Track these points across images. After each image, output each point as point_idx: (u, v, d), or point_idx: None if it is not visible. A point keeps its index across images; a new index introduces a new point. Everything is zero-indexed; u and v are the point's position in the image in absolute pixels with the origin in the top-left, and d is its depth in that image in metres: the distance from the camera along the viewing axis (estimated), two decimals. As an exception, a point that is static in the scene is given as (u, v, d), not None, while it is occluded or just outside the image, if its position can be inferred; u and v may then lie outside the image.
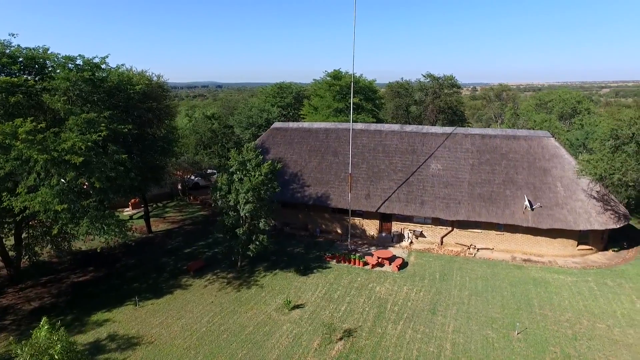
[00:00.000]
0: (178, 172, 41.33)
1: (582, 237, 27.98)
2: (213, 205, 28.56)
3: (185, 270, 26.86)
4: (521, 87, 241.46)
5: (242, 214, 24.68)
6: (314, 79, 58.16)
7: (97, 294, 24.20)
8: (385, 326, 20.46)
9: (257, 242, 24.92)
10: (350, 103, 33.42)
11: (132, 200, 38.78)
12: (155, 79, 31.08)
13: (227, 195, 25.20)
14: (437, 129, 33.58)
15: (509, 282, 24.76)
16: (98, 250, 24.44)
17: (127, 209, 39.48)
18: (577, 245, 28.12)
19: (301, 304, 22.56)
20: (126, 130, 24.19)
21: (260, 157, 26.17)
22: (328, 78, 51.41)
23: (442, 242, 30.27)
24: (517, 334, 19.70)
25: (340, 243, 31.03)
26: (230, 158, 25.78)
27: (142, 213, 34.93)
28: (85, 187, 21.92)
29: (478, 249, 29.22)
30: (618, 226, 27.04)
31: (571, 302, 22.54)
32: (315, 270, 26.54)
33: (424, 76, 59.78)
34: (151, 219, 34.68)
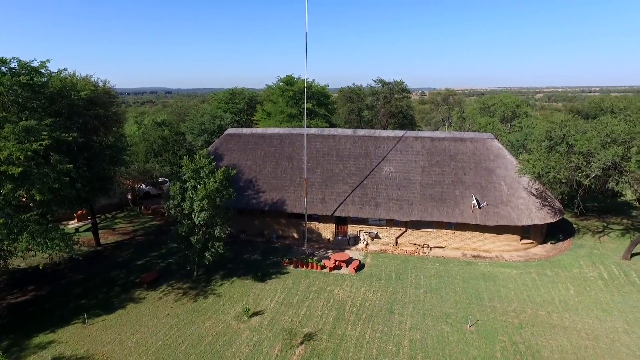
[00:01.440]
0: (128, 182, 39.71)
1: (525, 232, 29.81)
2: (166, 214, 27.75)
3: (139, 282, 25.85)
4: (466, 91, 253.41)
5: (196, 222, 24.17)
6: (266, 85, 58.10)
7: (39, 315, 22.61)
8: (345, 328, 20.76)
9: (213, 250, 24.51)
10: (303, 108, 33.71)
11: (79, 212, 36.80)
12: (101, 84, 29.80)
13: (181, 203, 24.61)
14: (389, 133, 34.59)
15: (461, 278, 25.91)
16: (40, 267, 22.86)
17: (72, 222, 37.41)
18: (520, 240, 29.93)
19: (260, 311, 22.40)
20: (71, 138, 23.05)
21: (214, 164, 25.80)
22: (281, 84, 51.50)
23: (396, 243, 31.14)
24: (470, 326, 20.67)
25: (297, 248, 31.11)
26: (183, 166, 25.19)
27: (90, 225, 33.22)
28: (24, 199, 20.61)
29: (431, 248, 30.33)
30: (555, 220, 29.10)
31: (516, 293, 23.97)
32: (273, 276, 26.44)
33: (375, 81, 61.41)
34: (100, 231, 33.08)
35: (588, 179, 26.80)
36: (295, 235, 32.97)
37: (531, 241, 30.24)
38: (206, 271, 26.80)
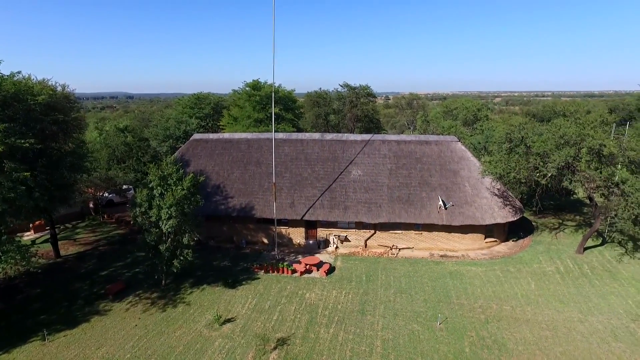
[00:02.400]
0: (90, 190, 38.22)
1: (488, 230, 30.95)
2: (132, 222, 26.94)
3: (104, 294, 24.90)
4: (429, 96, 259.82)
5: (164, 229, 23.62)
6: (232, 90, 57.62)
7: (-9, 334, 21.29)
8: (317, 331, 20.83)
9: (182, 258, 24.02)
10: (271, 113, 33.68)
11: (36, 223, 35.06)
12: (59, 89, 28.61)
13: (148, 211, 23.98)
14: (356, 137, 35.09)
15: (429, 277, 26.57)
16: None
17: (28, 233, 35.59)
18: (485, 239, 31.05)
19: (232, 318, 22.12)
20: (27, 145, 21.99)
21: (181, 170, 25.33)
22: (247, 88, 51.22)
23: (366, 245, 31.56)
24: (439, 324, 21.24)
25: (267, 253, 30.94)
26: (148, 173, 24.57)
27: (48, 236, 31.69)
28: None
29: (400, 249, 30.93)
30: (516, 219, 30.39)
31: (482, 290, 24.84)
32: (244, 282, 26.18)
33: (341, 86, 62.19)
34: (59, 242, 31.63)
35: (545, 179, 28.20)
36: (265, 241, 32.78)
37: (494, 239, 31.42)
38: (175, 279, 26.20)
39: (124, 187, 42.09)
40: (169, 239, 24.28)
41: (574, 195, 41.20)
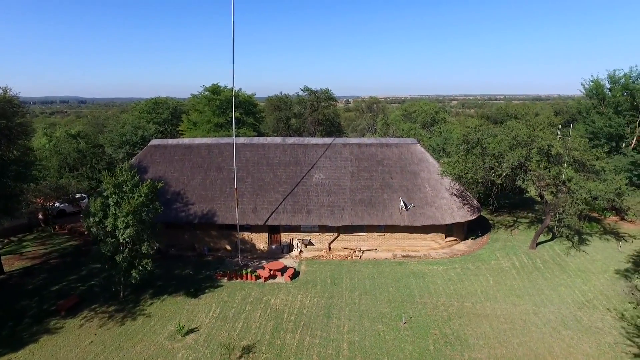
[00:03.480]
0: (38, 200, 36.07)
1: (449, 230, 31.84)
2: (86, 232, 25.66)
3: (54, 311, 23.43)
4: (388, 99, 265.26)
5: (121, 239, 22.64)
6: (191, 94, 56.40)
7: None
8: (283, 337, 20.61)
9: (141, 268, 23.11)
10: (231, 117, 33.20)
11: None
12: (1, 92, 26.89)
13: (103, 220, 22.91)
14: (318, 140, 35.18)
15: (393, 278, 26.97)
16: None
17: (-31, 248, 33.08)
18: (445, 238, 31.91)
19: (195, 328, 21.50)
20: (-34, 154, 20.47)
21: (137, 177, 24.41)
22: (207, 93, 50.30)
23: (329, 248, 31.63)
24: (404, 323, 21.57)
25: (230, 260, 30.36)
26: (103, 181, 23.49)
27: (-8, 251, 29.60)
28: None
29: (363, 251, 31.22)
30: (474, 217, 31.46)
31: (444, 288, 25.48)
32: (206, 291, 25.53)
33: (302, 90, 62.23)
34: (2, 257, 29.64)
35: (500, 178, 29.38)
36: (228, 247, 32.17)
37: (454, 238, 32.36)
38: (134, 291, 25.15)
39: (77, 196, 40.11)
40: (127, 249, 23.31)
41: (527, 194, 43.21)
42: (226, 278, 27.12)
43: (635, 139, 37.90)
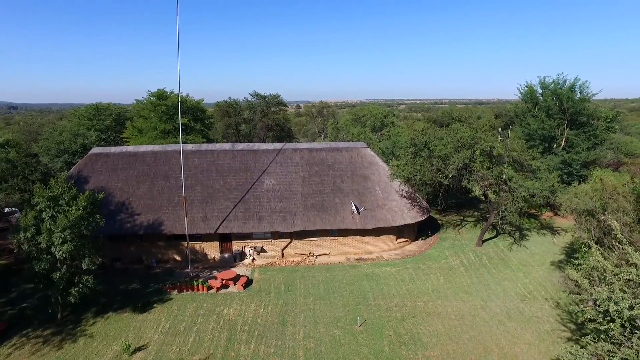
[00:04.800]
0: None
1: (400, 231, 32.54)
2: (15, 250, 23.66)
3: (-24, 340, 21.17)
4: (338, 104, 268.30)
5: (58, 256, 21.05)
6: (136, 100, 54.06)
7: None
8: (238, 348, 20.07)
9: (81, 285, 21.63)
10: (178, 124, 32.13)
11: None
12: None
13: (36, 236, 21.20)
14: (268, 146, 34.84)
15: (347, 281, 27.10)
16: None
17: None
18: (397, 239, 32.58)
19: (143, 345, 20.40)
20: None
21: (75, 188, 22.89)
22: (152, 98, 48.35)
23: (283, 255, 31.31)
24: (359, 326, 21.69)
25: (180, 271, 29.22)
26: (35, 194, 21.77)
27: None
28: None
29: (316, 256, 31.17)
30: (424, 218, 32.38)
31: (397, 288, 25.95)
32: (155, 305, 24.36)
33: (252, 95, 61.61)
34: None
35: (447, 179, 30.46)
36: (178, 258, 30.97)
37: (406, 239, 33.13)
38: (74, 311, 23.47)
39: (7, 210, 37.07)
40: (65, 266, 21.73)
41: (472, 194, 45.14)
42: (176, 290, 26.05)
43: (564, 140, 40.79)
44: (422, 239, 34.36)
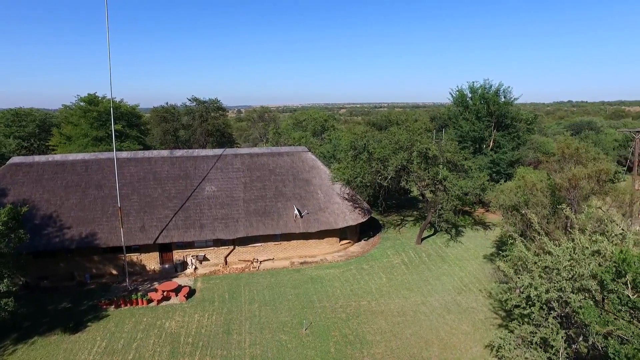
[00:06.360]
0: None
1: (343, 233, 33.16)
2: None
3: None
4: (280, 108, 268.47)
5: (-26, 277, 19.21)
6: (63, 104, 50.69)
7: None
8: (180, 362, 19.39)
9: None
10: (111, 130, 30.59)
11: None
12: None
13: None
14: (208, 152, 34.13)
15: (292, 285, 27.15)
16: None
17: None
18: (340, 241, 33.16)
19: (75, 368, 19.11)
20: None
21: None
22: (82, 103, 45.57)
23: (226, 262, 30.74)
24: (305, 330, 21.80)
25: (117, 285, 27.72)
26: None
27: None
28: None
29: (261, 262, 30.93)
30: (365, 219, 33.25)
31: (341, 290, 26.40)
32: (89, 324, 22.88)
33: (190, 100, 59.97)
34: None
35: (386, 181, 31.53)
36: (114, 272, 29.34)
37: (349, 241, 33.81)
38: (-7, 336, 21.47)
39: None
40: (-18, 288, 19.85)
41: (411, 194, 47.05)
42: (113, 306, 24.67)
43: (491, 141, 43.79)
44: (364, 240, 35.24)
